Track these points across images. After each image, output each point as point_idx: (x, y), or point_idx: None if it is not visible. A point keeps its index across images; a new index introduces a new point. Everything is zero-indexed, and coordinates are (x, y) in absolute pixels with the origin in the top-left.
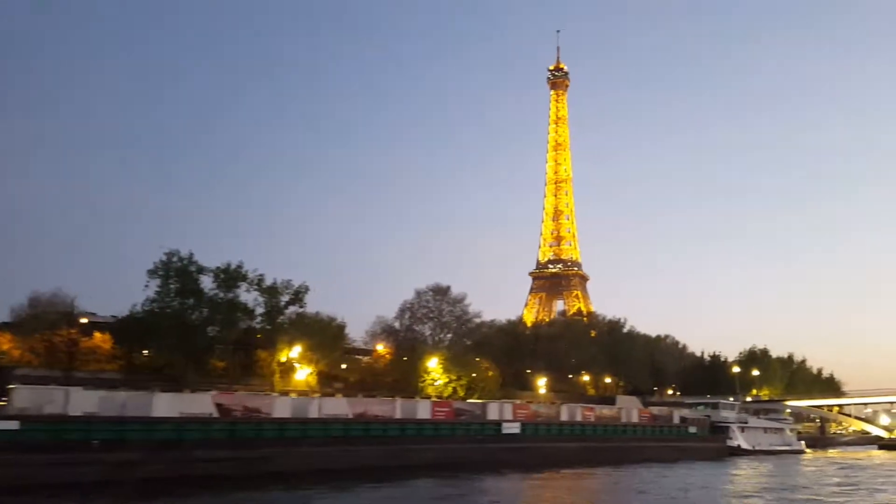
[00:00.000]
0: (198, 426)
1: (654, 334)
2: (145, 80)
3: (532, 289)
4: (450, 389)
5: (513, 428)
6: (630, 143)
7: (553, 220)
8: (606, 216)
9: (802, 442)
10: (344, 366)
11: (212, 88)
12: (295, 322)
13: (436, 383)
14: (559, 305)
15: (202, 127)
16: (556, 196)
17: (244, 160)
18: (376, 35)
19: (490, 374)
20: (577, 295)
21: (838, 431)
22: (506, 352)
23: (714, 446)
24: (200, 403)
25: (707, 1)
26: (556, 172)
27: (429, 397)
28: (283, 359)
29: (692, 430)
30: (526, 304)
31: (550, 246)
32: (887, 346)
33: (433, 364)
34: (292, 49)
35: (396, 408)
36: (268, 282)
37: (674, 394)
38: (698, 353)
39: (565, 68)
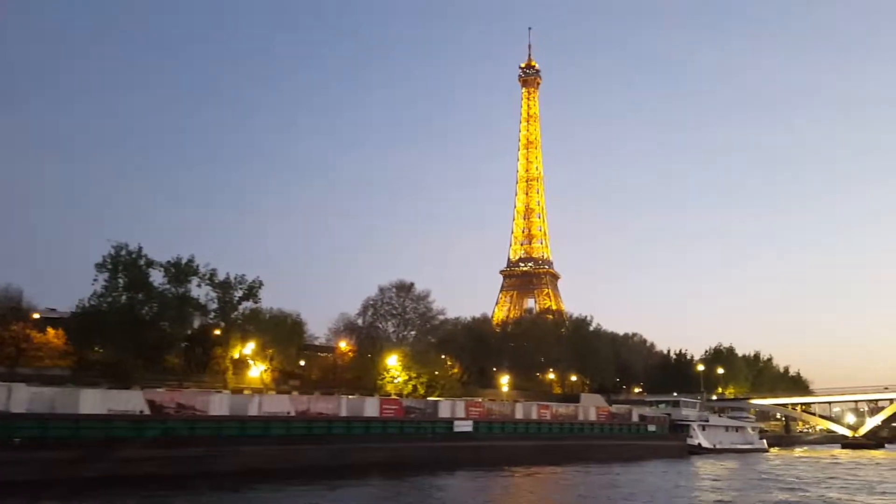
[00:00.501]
0: (127, 424)
1: (621, 332)
2: (113, 77)
3: (503, 287)
4: (410, 387)
5: (465, 426)
6: (602, 142)
7: (524, 219)
8: (578, 215)
9: (764, 441)
10: (302, 362)
11: (171, 82)
12: (249, 317)
13: (395, 381)
14: (530, 303)
15: (165, 121)
16: (527, 194)
17: (211, 155)
18: (347, 32)
19: (454, 371)
20: (547, 293)
21: (805, 430)
22: (471, 349)
23: (674, 444)
24: (130, 401)
25: (681, 1)
26: (527, 170)
27: (388, 395)
28: (236, 355)
29: (651, 428)
30: (497, 303)
31: (521, 244)
32: (855, 345)
33: (392, 361)
34: (263, 46)
35: (342, 405)
36: (221, 276)
37: (641, 392)
38: (666, 352)
39: (537, 66)
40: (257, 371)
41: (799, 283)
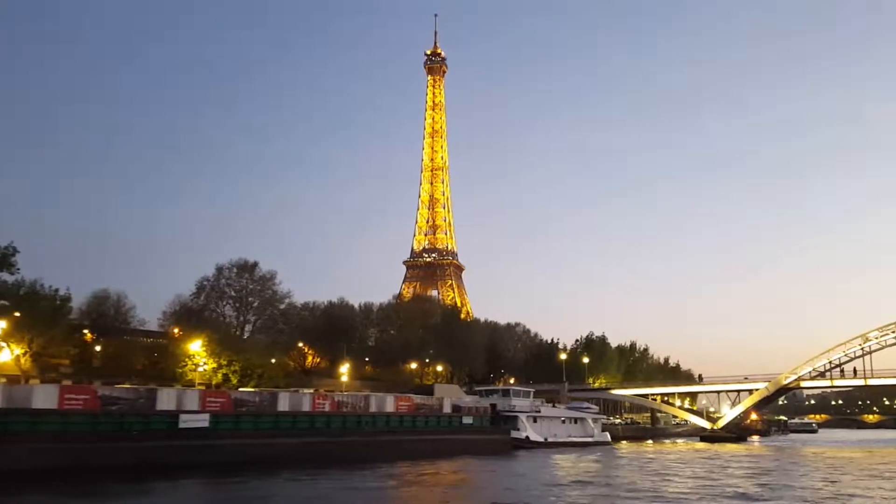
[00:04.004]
0: None
1: (503, 322)
2: None
3: (406, 278)
4: (220, 376)
5: (198, 421)
6: (508, 133)
7: (428, 209)
8: (485, 206)
9: (607, 433)
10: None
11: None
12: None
13: (200, 368)
14: (434, 295)
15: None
16: (431, 184)
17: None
18: (252, 18)
19: (288, 358)
20: (451, 285)
21: (679, 423)
22: (322, 336)
23: (495, 439)
24: None
25: None
26: (432, 160)
27: (192, 384)
28: None
29: (467, 420)
30: (400, 294)
31: (426, 235)
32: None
33: (196, 347)
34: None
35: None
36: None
37: (515, 382)
38: (547, 342)
39: (443, 53)
40: (10, 355)
41: (696, 278)
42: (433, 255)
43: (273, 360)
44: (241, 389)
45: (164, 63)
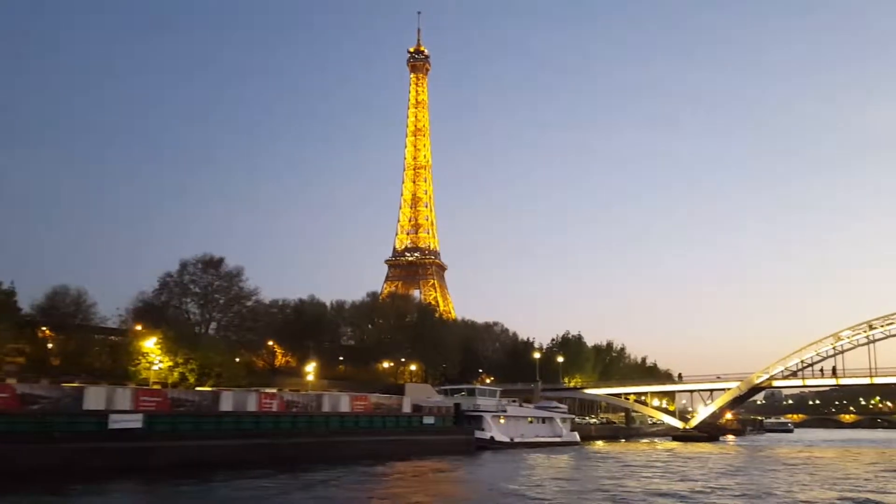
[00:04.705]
0: None
1: (480, 321)
2: None
3: (388, 277)
4: (176, 375)
5: (130, 422)
6: (492, 132)
7: (411, 208)
8: (469, 205)
9: (576, 433)
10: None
11: None
12: None
13: (154, 367)
14: (416, 295)
15: None
16: (414, 182)
17: None
18: (233, 16)
19: (257, 357)
20: (433, 284)
21: (654, 422)
22: (293, 334)
23: (457, 439)
24: None
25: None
26: (414, 158)
27: (146, 383)
28: None
29: (428, 420)
30: (381, 293)
31: (408, 233)
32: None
33: (151, 344)
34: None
35: None
36: None
37: (492, 382)
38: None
39: (426, 51)
40: None
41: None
42: (415, 254)
43: (238, 360)
44: (196, 389)
45: (138, 58)
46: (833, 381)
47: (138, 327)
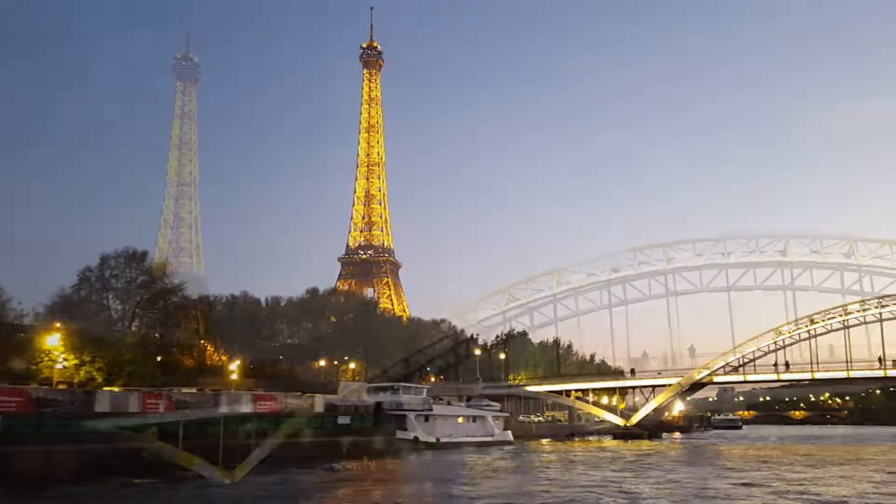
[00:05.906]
0: None
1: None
2: None
3: (341, 275)
4: (83, 374)
5: None
6: (446, 129)
7: (364, 205)
8: (423, 202)
9: (509, 432)
10: None
11: None
12: None
13: (59, 365)
14: (370, 293)
15: None
16: (367, 179)
17: None
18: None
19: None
20: (388, 282)
21: (599, 419)
22: (224, 332)
23: (375, 440)
24: None
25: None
26: (368, 155)
27: (49, 383)
28: None
29: (342, 420)
30: (334, 291)
31: (361, 231)
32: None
33: (54, 341)
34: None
35: None
36: None
37: (437, 381)
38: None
39: (379, 47)
40: None
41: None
42: (369, 252)
43: (160, 358)
44: (105, 389)
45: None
46: (773, 377)
47: (57, 325)
